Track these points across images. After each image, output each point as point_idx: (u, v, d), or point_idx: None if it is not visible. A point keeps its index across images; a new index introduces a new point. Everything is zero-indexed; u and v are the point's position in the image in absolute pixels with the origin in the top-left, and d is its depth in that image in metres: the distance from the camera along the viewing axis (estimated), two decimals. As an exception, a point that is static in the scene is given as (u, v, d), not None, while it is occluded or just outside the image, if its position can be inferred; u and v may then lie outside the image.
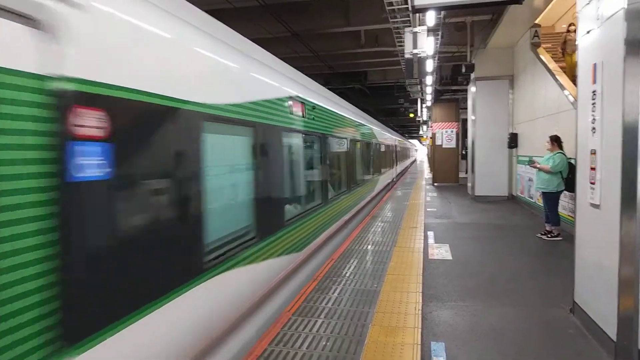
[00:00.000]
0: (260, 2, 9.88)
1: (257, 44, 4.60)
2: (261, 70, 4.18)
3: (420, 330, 3.78)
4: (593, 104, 3.82)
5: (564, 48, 10.02)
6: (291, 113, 4.83)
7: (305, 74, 6.81)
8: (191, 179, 2.72)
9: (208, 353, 3.00)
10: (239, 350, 3.47)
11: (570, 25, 9.83)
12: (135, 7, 2.31)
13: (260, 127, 3.85)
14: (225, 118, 3.18)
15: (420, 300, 4.51)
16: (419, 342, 3.53)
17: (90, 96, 1.88)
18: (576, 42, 4.37)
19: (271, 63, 4.70)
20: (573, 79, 8.27)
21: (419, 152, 70.27)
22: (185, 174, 2.66)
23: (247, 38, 4.34)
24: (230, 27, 3.92)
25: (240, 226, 3.70)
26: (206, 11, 3.51)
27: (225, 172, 3.60)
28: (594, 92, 3.81)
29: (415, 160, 53.32)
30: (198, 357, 2.86)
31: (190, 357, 2.71)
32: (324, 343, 3.52)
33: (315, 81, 7.57)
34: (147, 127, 2.31)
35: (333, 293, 4.73)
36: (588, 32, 3.98)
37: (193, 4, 3.26)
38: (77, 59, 1.83)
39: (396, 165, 22.25)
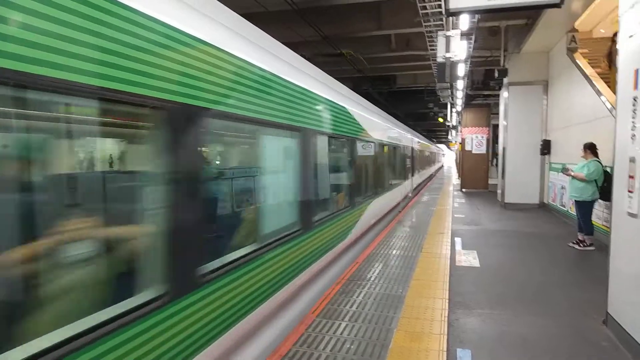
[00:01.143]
0: (293, 7, 9.95)
1: (288, 47, 4.65)
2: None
3: (446, 337, 3.73)
4: (634, 110, 3.69)
5: (611, 60, 9.42)
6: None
7: (335, 78, 6.83)
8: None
9: (236, 349, 3.03)
10: (265, 349, 3.49)
11: (615, 34, 9.37)
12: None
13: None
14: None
15: (447, 307, 4.45)
16: (445, 349, 3.49)
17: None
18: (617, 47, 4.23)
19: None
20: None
21: (447, 157, 68.33)
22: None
23: (279, 41, 4.39)
24: (264, 30, 3.98)
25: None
26: (241, 14, 3.56)
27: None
28: (635, 98, 3.68)
29: (442, 166, 51.52)
30: (227, 353, 2.89)
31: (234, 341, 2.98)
32: (348, 346, 3.51)
33: (344, 84, 7.58)
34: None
35: (357, 296, 4.71)
36: (630, 36, 3.85)
37: (229, 7, 3.32)
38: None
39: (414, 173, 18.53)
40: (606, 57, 9.89)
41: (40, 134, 2.51)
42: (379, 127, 9.46)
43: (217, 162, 4.56)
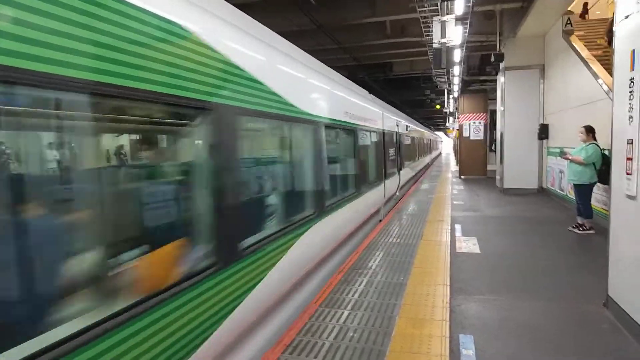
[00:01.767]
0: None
1: (283, 37, 4.62)
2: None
3: (448, 322, 3.76)
4: (631, 92, 3.68)
5: (611, 38, 9.37)
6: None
7: (330, 67, 6.79)
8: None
9: (240, 341, 3.05)
10: (269, 339, 3.51)
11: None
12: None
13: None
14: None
15: (448, 293, 4.47)
16: (447, 335, 3.51)
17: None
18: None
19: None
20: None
21: (444, 144, 67.75)
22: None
23: (274, 31, 4.36)
24: (258, 20, 3.94)
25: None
26: (235, 5, 3.53)
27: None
28: (631, 79, 3.67)
29: (440, 154, 49.91)
30: (231, 345, 2.91)
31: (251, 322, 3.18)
32: (351, 334, 3.53)
33: (340, 73, 7.56)
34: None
35: (359, 285, 4.74)
36: (626, 17, 3.83)
37: None
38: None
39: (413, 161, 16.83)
40: (606, 35, 9.82)
41: None
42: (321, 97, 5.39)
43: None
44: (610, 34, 9.20)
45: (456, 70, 14.88)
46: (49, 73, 1.66)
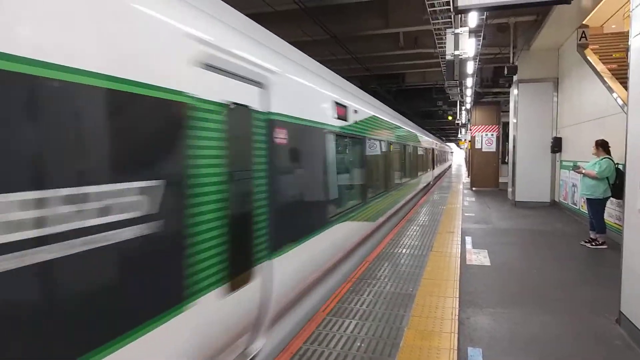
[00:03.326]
0: (300, 5, 9.96)
1: (296, 47, 4.67)
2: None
3: (457, 335, 3.72)
4: (645, 106, 3.66)
5: None
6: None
7: (343, 76, 6.84)
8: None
9: (249, 346, 3.05)
10: (276, 346, 3.51)
11: None
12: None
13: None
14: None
15: (457, 306, 4.44)
16: (456, 348, 3.48)
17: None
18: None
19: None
20: None
21: (455, 155, 66.18)
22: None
23: (287, 41, 4.41)
24: (271, 30, 4.00)
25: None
26: (248, 15, 3.59)
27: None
28: (646, 94, 3.65)
29: (450, 167, 47.37)
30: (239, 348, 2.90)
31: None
32: (358, 344, 3.52)
33: (352, 83, 7.61)
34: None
35: (368, 295, 4.72)
36: (641, 31, 3.82)
37: (237, 8, 3.34)
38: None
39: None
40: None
41: None
42: None
43: None
44: None
45: (469, 82, 14.85)
46: None
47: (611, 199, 7.31)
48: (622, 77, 8.60)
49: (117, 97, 1.86)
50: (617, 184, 6.95)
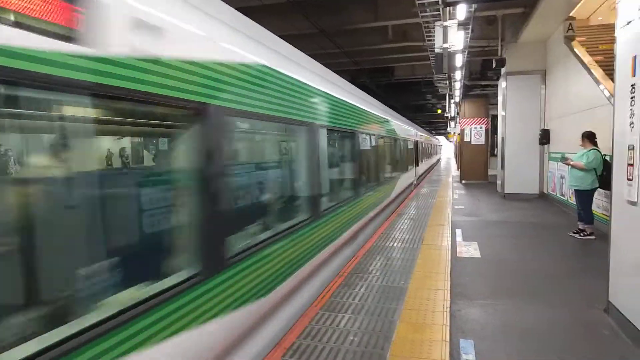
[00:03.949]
0: (288, -1, 9.92)
1: (285, 41, 4.64)
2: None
3: (448, 327, 3.75)
4: (632, 97, 3.69)
5: None
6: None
7: (332, 70, 6.81)
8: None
9: (240, 342, 3.04)
10: (269, 341, 3.51)
11: None
12: None
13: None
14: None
15: (449, 298, 4.47)
16: (448, 339, 3.51)
17: None
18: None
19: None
20: None
21: (444, 148, 65.00)
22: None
23: (275, 34, 4.38)
24: (259, 24, 3.96)
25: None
26: (236, 9, 3.55)
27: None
28: (633, 85, 3.68)
29: (438, 161, 45.10)
30: (231, 347, 2.90)
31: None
32: (351, 338, 3.53)
33: (342, 77, 7.57)
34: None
35: (359, 289, 4.73)
36: (628, 23, 3.84)
37: (226, 2, 3.31)
38: None
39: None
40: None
41: None
42: None
43: None
44: None
45: (458, 75, 14.91)
46: None
47: (599, 190, 7.40)
48: (608, 69, 8.69)
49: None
50: (604, 175, 7.03)
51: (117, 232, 2.72)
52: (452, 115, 29.76)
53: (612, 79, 4.53)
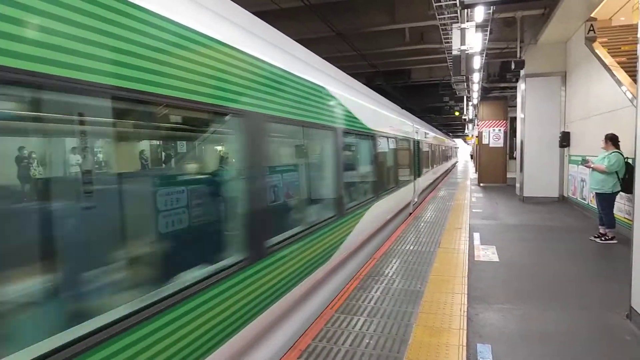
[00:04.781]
0: (306, 3, 9.95)
1: (302, 44, 4.67)
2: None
3: (465, 331, 3.72)
4: (655, 100, 3.62)
5: None
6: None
7: (348, 73, 6.82)
8: None
9: (256, 344, 3.07)
10: (284, 343, 3.53)
11: None
12: None
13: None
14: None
15: (466, 302, 4.43)
16: (465, 344, 3.48)
17: None
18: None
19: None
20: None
21: (460, 150, 62.37)
22: None
23: (292, 38, 4.41)
24: (276, 28, 4.00)
25: None
26: (253, 13, 3.59)
27: None
28: (655, 87, 3.61)
29: (455, 165, 41.84)
30: (248, 347, 2.93)
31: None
32: (367, 341, 3.53)
33: (358, 80, 7.58)
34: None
35: (375, 292, 4.73)
36: (650, 24, 3.77)
37: (242, 6, 3.35)
38: None
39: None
40: None
41: None
42: None
43: None
44: None
45: (476, 77, 14.77)
46: None
47: (621, 193, 7.25)
48: (631, 70, 8.51)
49: None
50: (626, 178, 6.89)
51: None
52: (470, 117, 29.47)
53: (635, 81, 4.45)
